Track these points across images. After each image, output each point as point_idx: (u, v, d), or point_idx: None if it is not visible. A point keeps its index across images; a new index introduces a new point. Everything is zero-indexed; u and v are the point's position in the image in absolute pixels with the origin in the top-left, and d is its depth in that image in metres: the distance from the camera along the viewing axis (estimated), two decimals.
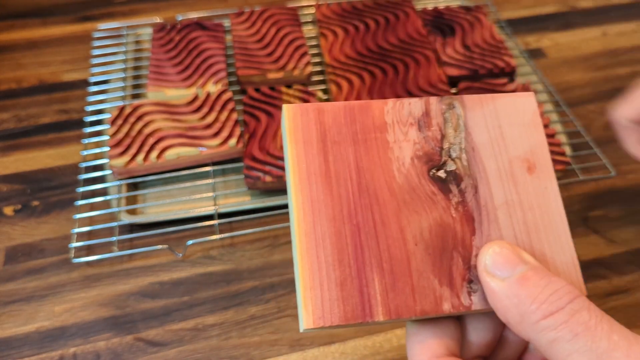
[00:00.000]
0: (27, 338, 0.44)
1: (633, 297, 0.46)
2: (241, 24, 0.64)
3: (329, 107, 0.23)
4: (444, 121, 0.23)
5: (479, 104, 0.23)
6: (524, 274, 0.18)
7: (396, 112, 0.23)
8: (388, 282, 0.20)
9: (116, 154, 0.50)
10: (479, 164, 0.23)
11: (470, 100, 0.23)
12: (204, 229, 0.50)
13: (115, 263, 0.48)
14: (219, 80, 0.58)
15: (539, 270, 0.19)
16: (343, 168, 0.22)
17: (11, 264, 0.48)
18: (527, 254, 0.20)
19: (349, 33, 0.63)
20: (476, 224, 0.22)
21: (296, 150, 0.22)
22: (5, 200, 0.53)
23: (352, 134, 0.22)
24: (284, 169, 0.50)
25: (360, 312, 0.20)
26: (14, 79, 0.66)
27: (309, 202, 0.21)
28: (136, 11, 0.75)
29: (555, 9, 0.77)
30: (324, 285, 0.20)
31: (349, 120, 0.22)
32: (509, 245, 0.20)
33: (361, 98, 0.56)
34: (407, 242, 0.21)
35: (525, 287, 0.18)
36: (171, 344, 0.43)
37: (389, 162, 0.22)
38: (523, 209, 0.22)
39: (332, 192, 0.21)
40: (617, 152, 0.57)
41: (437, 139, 0.23)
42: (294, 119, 0.22)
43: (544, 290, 0.18)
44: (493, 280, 0.19)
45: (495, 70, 0.59)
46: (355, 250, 0.21)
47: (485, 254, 0.20)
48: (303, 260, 0.20)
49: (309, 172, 0.21)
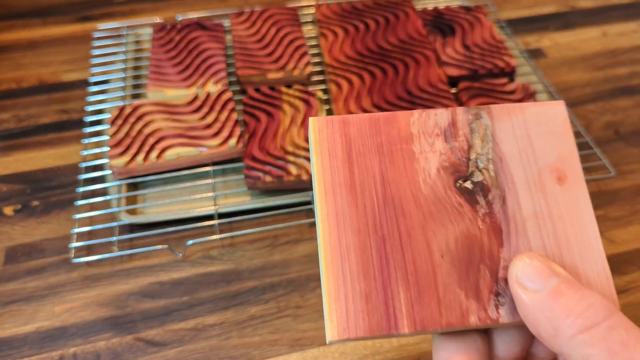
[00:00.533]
0: (27, 338, 0.44)
1: (633, 297, 0.46)
2: (241, 24, 0.64)
3: (354, 119, 0.23)
4: (471, 131, 0.23)
5: (507, 114, 0.23)
6: (557, 287, 0.18)
7: (422, 123, 0.23)
8: (413, 294, 0.20)
9: (116, 154, 0.50)
10: (507, 175, 0.22)
11: (498, 110, 0.23)
12: (204, 229, 0.50)
13: (115, 263, 0.48)
14: (219, 80, 0.58)
15: (572, 283, 0.18)
16: (368, 179, 0.22)
17: (11, 264, 0.48)
18: (558, 266, 0.19)
19: (349, 33, 0.63)
20: (504, 235, 0.21)
21: (322, 162, 0.22)
22: (5, 200, 0.53)
23: (377, 145, 0.22)
24: (283, 169, 0.50)
25: (385, 324, 0.20)
26: (14, 79, 0.66)
27: (334, 214, 0.21)
28: (136, 11, 0.75)
29: (555, 9, 0.77)
30: (349, 298, 0.20)
31: (374, 132, 0.22)
32: (540, 257, 0.19)
33: (361, 98, 0.56)
34: (433, 254, 0.21)
35: (559, 300, 0.18)
36: (171, 344, 0.43)
37: (414, 173, 0.22)
38: (553, 220, 0.22)
39: (357, 203, 0.21)
40: (617, 152, 0.57)
41: (464, 150, 0.22)
42: (319, 132, 0.22)
43: (578, 303, 0.17)
44: (525, 293, 0.19)
45: (495, 70, 0.59)
46: (381, 262, 0.21)
47: (516, 265, 0.19)
48: (328, 272, 0.20)
49: (334, 184, 0.22)
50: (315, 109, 0.54)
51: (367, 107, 0.55)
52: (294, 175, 0.49)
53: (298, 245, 0.49)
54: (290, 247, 0.49)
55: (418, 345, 0.43)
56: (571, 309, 0.17)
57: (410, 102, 0.55)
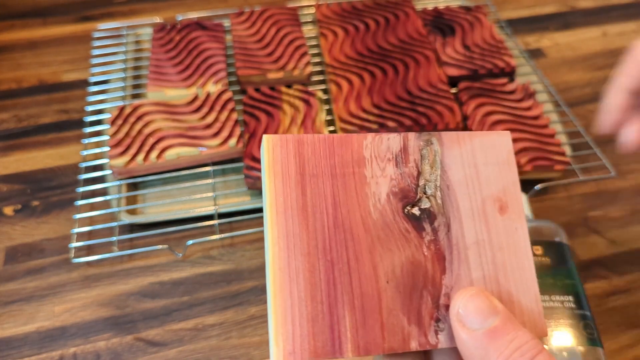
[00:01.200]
0: (27, 338, 0.44)
1: (633, 297, 0.46)
2: (241, 24, 0.64)
3: (309, 139, 0.22)
4: (421, 157, 0.23)
5: (456, 142, 0.23)
6: (493, 328, 0.19)
7: (375, 147, 0.22)
8: (359, 318, 0.21)
9: (116, 154, 0.50)
10: (453, 203, 0.23)
11: (448, 137, 0.23)
12: (204, 229, 0.50)
13: (115, 263, 0.48)
14: (219, 80, 0.58)
15: (508, 323, 0.19)
16: (320, 202, 0.22)
17: (11, 264, 0.48)
18: (498, 303, 0.20)
19: (349, 33, 0.63)
20: (447, 262, 0.22)
21: (274, 183, 0.21)
22: (5, 200, 0.53)
23: (331, 167, 0.22)
24: None
25: (330, 348, 0.20)
26: (14, 79, 0.66)
27: (284, 237, 0.21)
28: (136, 11, 0.75)
29: (555, 9, 0.77)
30: (296, 322, 0.20)
31: (328, 153, 0.22)
32: (482, 294, 0.20)
33: (361, 98, 0.56)
34: (379, 279, 0.21)
35: (492, 340, 0.19)
36: (171, 344, 0.43)
37: (365, 197, 0.22)
38: (493, 249, 0.22)
39: (308, 226, 0.21)
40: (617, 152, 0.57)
41: (414, 176, 0.22)
42: (273, 151, 0.22)
43: (509, 345, 0.19)
44: (463, 331, 0.20)
45: (495, 70, 0.59)
46: (328, 287, 0.21)
47: (458, 301, 0.20)
48: (276, 295, 0.20)
49: (286, 206, 0.21)
50: (315, 109, 0.54)
51: (367, 107, 0.55)
52: None
53: None
54: None
55: None
56: (502, 350, 0.19)
57: (410, 102, 0.55)
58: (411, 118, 0.53)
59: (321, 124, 0.53)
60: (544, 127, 0.54)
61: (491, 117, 0.54)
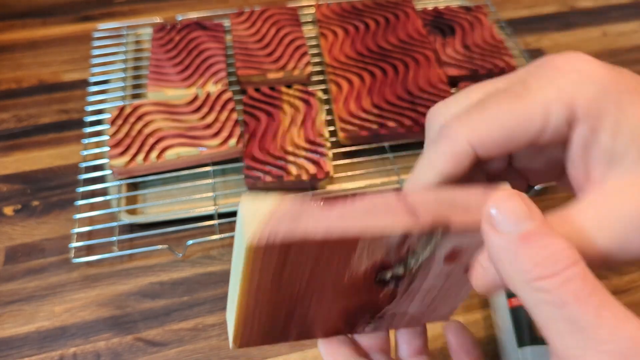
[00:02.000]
0: (27, 338, 0.44)
1: (633, 297, 0.46)
2: (241, 24, 0.64)
3: (298, 243, 0.18)
4: (417, 240, 0.20)
5: (464, 230, 0.20)
6: (526, 232, 0.17)
7: (370, 250, 0.20)
8: (304, 330, 0.25)
9: (116, 154, 0.50)
10: (426, 270, 0.22)
11: (458, 226, 0.20)
12: (204, 228, 0.50)
13: (115, 263, 0.48)
14: (219, 80, 0.58)
15: (544, 229, 0.17)
16: (296, 278, 0.21)
17: (11, 264, 0.48)
18: (536, 208, 0.18)
19: (349, 33, 0.63)
20: (395, 299, 0.24)
21: (250, 277, 0.20)
22: (5, 200, 0.53)
23: (316, 258, 0.20)
24: (283, 169, 0.50)
25: (278, 339, 0.26)
26: (14, 79, 0.66)
27: (251, 306, 0.22)
28: (136, 11, 0.75)
29: (555, 9, 0.77)
30: (254, 331, 0.24)
31: (316, 255, 0.20)
32: (518, 198, 0.18)
33: (361, 98, 0.56)
34: (332, 313, 0.24)
35: (524, 244, 0.17)
36: (171, 344, 0.43)
37: (343, 271, 0.21)
38: (441, 290, 0.24)
39: (279, 293, 0.21)
40: None
41: (402, 254, 0.21)
42: (253, 260, 0.19)
43: (541, 251, 0.17)
44: (493, 233, 0.18)
45: (495, 70, 0.59)
46: (286, 317, 0.24)
47: (491, 202, 0.18)
48: (240, 311, 0.22)
49: (259, 287, 0.20)
50: (315, 109, 0.54)
51: (367, 107, 0.55)
52: (294, 175, 0.49)
53: None
54: None
55: None
56: (532, 256, 0.17)
57: (411, 102, 0.55)
58: (411, 118, 0.53)
59: (321, 124, 0.53)
60: None
61: None
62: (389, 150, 0.55)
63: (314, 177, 0.49)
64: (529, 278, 0.17)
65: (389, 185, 0.52)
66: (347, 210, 0.19)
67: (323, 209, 0.19)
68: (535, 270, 0.17)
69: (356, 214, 0.19)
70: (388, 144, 0.55)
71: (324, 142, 0.52)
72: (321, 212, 0.19)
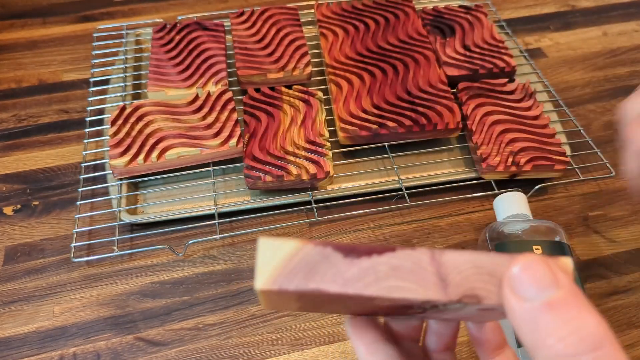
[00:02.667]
0: (27, 338, 0.44)
1: (633, 297, 0.46)
2: (241, 24, 0.64)
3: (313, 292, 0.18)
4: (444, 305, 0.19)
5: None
6: (550, 300, 0.16)
7: (392, 301, 0.18)
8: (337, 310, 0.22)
9: (117, 154, 0.50)
10: (459, 309, 0.20)
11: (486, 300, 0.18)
12: (204, 228, 0.50)
13: (115, 263, 0.48)
14: (219, 80, 0.58)
15: (571, 298, 0.16)
16: (317, 301, 0.20)
17: (11, 264, 0.48)
18: (563, 275, 0.16)
19: (349, 33, 0.63)
20: (428, 312, 0.21)
21: (267, 299, 0.19)
22: (5, 200, 0.53)
23: (335, 298, 0.19)
24: (283, 169, 0.50)
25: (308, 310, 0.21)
26: (14, 79, 0.66)
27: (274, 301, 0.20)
28: (136, 11, 0.75)
29: (555, 8, 0.77)
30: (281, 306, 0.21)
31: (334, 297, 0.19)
32: (543, 263, 0.17)
33: (361, 98, 0.56)
34: (365, 308, 0.21)
35: (547, 315, 0.16)
36: (172, 343, 0.43)
37: (365, 302, 0.19)
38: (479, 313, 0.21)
39: (302, 300, 0.20)
40: (617, 152, 0.57)
41: (427, 306, 0.19)
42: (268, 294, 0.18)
43: (567, 325, 0.15)
44: (513, 299, 0.17)
45: (495, 70, 0.59)
46: (315, 307, 0.22)
47: (513, 265, 0.17)
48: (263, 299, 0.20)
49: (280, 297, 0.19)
50: (315, 109, 0.54)
51: (367, 107, 0.55)
52: (294, 175, 0.49)
53: None
54: None
55: None
56: (555, 329, 0.15)
57: (410, 102, 0.55)
58: (411, 118, 0.53)
59: (321, 123, 0.53)
60: (544, 127, 0.54)
61: (490, 117, 0.54)
62: (389, 150, 0.55)
63: (314, 177, 0.49)
64: (551, 354, 0.15)
65: (389, 185, 0.52)
66: (371, 266, 0.18)
67: (344, 262, 0.18)
68: (558, 346, 0.15)
69: (380, 272, 0.18)
70: (388, 144, 0.55)
71: (324, 142, 0.52)
72: (341, 266, 0.18)
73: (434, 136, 0.55)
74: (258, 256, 0.18)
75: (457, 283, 0.18)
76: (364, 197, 0.52)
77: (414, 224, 0.51)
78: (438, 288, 0.17)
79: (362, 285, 0.17)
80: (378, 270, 0.17)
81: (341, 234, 0.50)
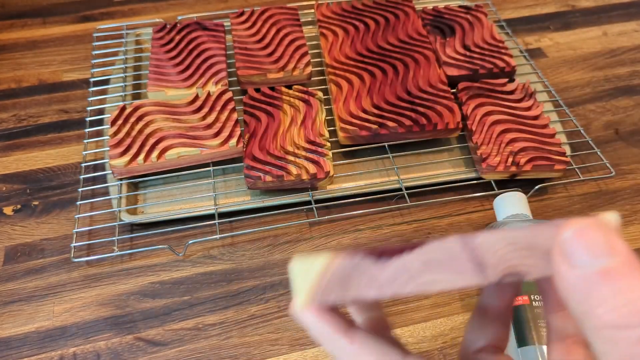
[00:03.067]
0: (27, 338, 0.44)
1: None
2: (241, 24, 0.64)
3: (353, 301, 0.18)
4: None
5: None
6: (605, 269, 0.15)
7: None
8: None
9: (117, 153, 0.50)
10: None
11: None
12: (204, 228, 0.50)
13: (115, 263, 0.48)
14: (219, 80, 0.58)
15: (627, 267, 0.15)
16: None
17: (11, 264, 0.48)
18: (621, 242, 0.15)
19: (349, 33, 0.63)
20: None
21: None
22: (5, 200, 0.53)
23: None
24: (283, 169, 0.50)
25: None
26: (14, 78, 0.66)
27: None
28: (136, 11, 0.75)
29: (555, 8, 0.77)
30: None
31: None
32: (599, 228, 0.15)
33: (361, 98, 0.56)
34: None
35: (601, 284, 0.15)
36: (171, 343, 0.43)
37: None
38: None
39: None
40: (617, 152, 0.58)
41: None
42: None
43: (622, 295, 0.14)
44: (564, 266, 0.15)
45: (495, 70, 0.59)
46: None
47: (567, 229, 0.16)
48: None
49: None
50: (315, 109, 0.54)
51: (367, 107, 0.55)
52: (294, 175, 0.49)
53: (298, 245, 0.49)
54: (291, 247, 0.49)
55: (418, 344, 0.43)
56: (607, 299, 0.14)
57: (410, 102, 0.55)
58: (411, 118, 0.53)
59: (321, 123, 0.53)
60: (544, 127, 0.54)
61: (490, 117, 0.54)
62: (389, 150, 0.55)
63: (314, 177, 0.49)
64: (601, 324, 0.15)
65: (389, 185, 0.52)
66: (402, 265, 0.18)
67: (376, 267, 0.18)
68: (609, 317, 0.14)
69: (413, 270, 0.18)
70: (388, 144, 0.55)
71: (324, 142, 0.52)
72: (374, 270, 0.18)
73: (434, 136, 0.55)
74: (293, 279, 0.19)
75: (494, 264, 0.17)
76: (364, 197, 0.52)
77: (414, 224, 0.51)
78: (475, 273, 0.17)
79: (398, 285, 0.17)
80: (410, 268, 0.18)
81: (341, 234, 0.50)
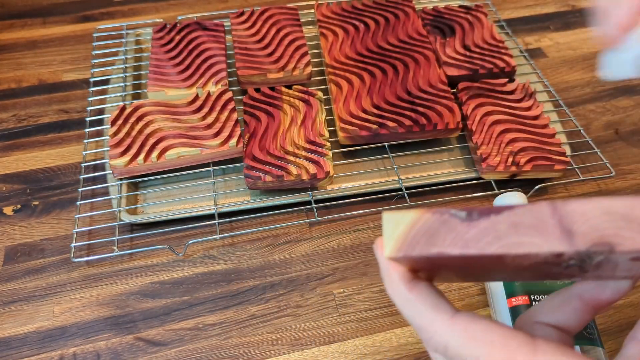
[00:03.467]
0: (27, 338, 0.44)
1: (633, 297, 0.46)
2: (241, 24, 0.64)
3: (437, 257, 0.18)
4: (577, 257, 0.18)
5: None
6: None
7: (522, 258, 0.18)
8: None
9: (117, 153, 0.50)
10: (611, 264, 0.18)
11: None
12: (204, 228, 0.50)
13: (115, 263, 0.48)
14: (219, 80, 0.58)
15: None
16: (448, 265, 0.20)
17: (11, 264, 0.48)
18: None
19: (349, 33, 0.63)
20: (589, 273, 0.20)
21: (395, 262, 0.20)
22: (5, 200, 0.53)
23: (462, 261, 0.19)
24: (283, 169, 0.50)
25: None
26: (14, 78, 0.66)
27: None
28: (136, 11, 0.75)
29: (555, 8, 0.77)
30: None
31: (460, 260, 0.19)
32: None
33: (361, 98, 0.56)
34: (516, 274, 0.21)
35: None
36: (171, 343, 0.43)
37: (500, 263, 0.19)
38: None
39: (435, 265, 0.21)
40: (617, 152, 0.58)
41: (563, 261, 0.18)
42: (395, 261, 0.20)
43: None
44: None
45: (495, 70, 0.59)
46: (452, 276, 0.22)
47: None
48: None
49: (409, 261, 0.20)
50: (315, 109, 0.54)
51: (367, 107, 0.55)
52: (294, 175, 0.49)
53: (298, 245, 0.49)
54: (290, 247, 0.49)
55: (418, 344, 0.43)
56: None
57: (410, 102, 0.55)
58: (411, 118, 0.53)
59: (321, 123, 0.53)
60: (543, 127, 0.54)
61: (490, 117, 0.54)
62: (389, 150, 0.55)
63: (314, 177, 0.49)
64: None
65: (389, 185, 0.52)
66: (490, 225, 0.17)
67: (463, 225, 0.18)
68: None
69: (500, 231, 0.17)
70: (388, 144, 0.55)
71: (324, 142, 0.52)
72: (460, 228, 0.18)
73: (434, 136, 0.55)
74: (383, 229, 0.19)
75: (584, 232, 0.17)
76: (364, 197, 0.52)
77: None
78: (562, 239, 0.17)
79: (483, 245, 0.17)
80: (497, 229, 0.17)
81: (341, 234, 0.50)
